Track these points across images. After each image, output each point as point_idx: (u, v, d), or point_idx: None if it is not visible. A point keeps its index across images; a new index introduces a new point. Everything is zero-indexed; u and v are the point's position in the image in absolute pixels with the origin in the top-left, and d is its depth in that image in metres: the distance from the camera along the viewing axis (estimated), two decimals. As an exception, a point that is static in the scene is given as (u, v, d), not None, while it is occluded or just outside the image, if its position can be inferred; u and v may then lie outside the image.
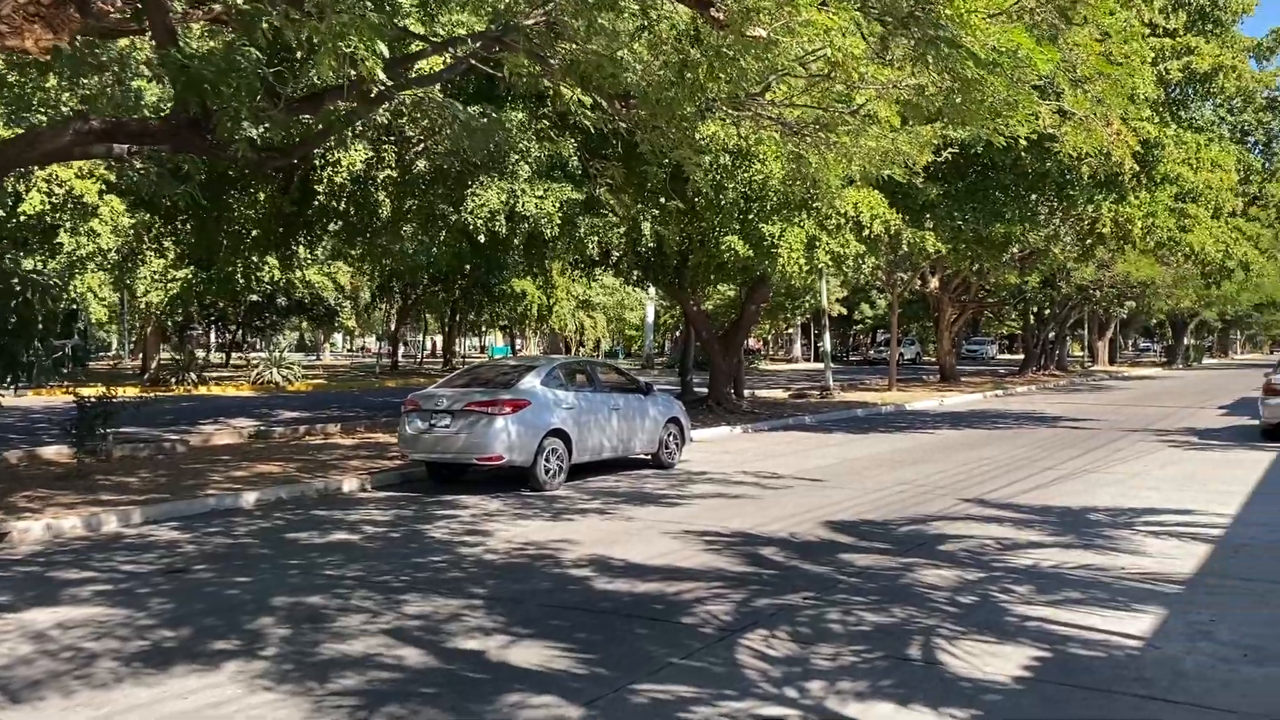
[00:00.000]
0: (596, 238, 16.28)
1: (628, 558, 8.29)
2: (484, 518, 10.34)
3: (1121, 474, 13.41)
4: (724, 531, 9.39)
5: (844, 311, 58.52)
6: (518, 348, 72.56)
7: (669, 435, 14.33)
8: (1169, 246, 19.02)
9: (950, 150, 14.93)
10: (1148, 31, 17.58)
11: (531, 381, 12.36)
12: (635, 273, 21.04)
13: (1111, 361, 65.72)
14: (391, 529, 9.84)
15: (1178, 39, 17.97)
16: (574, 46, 9.20)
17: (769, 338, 76.17)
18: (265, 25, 7.78)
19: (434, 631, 6.29)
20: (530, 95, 14.71)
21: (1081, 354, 67.89)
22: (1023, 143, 14.41)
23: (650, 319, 49.50)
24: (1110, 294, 45.78)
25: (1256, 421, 18.38)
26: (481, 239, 15.58)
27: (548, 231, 15.18)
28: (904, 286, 36.29)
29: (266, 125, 9.50)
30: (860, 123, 10.97)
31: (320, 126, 12.26)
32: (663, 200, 17.17)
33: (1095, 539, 8.93)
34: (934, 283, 38.23)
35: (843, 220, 16.27)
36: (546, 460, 12.04)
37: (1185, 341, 72.00)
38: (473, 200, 15.26)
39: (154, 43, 9.89)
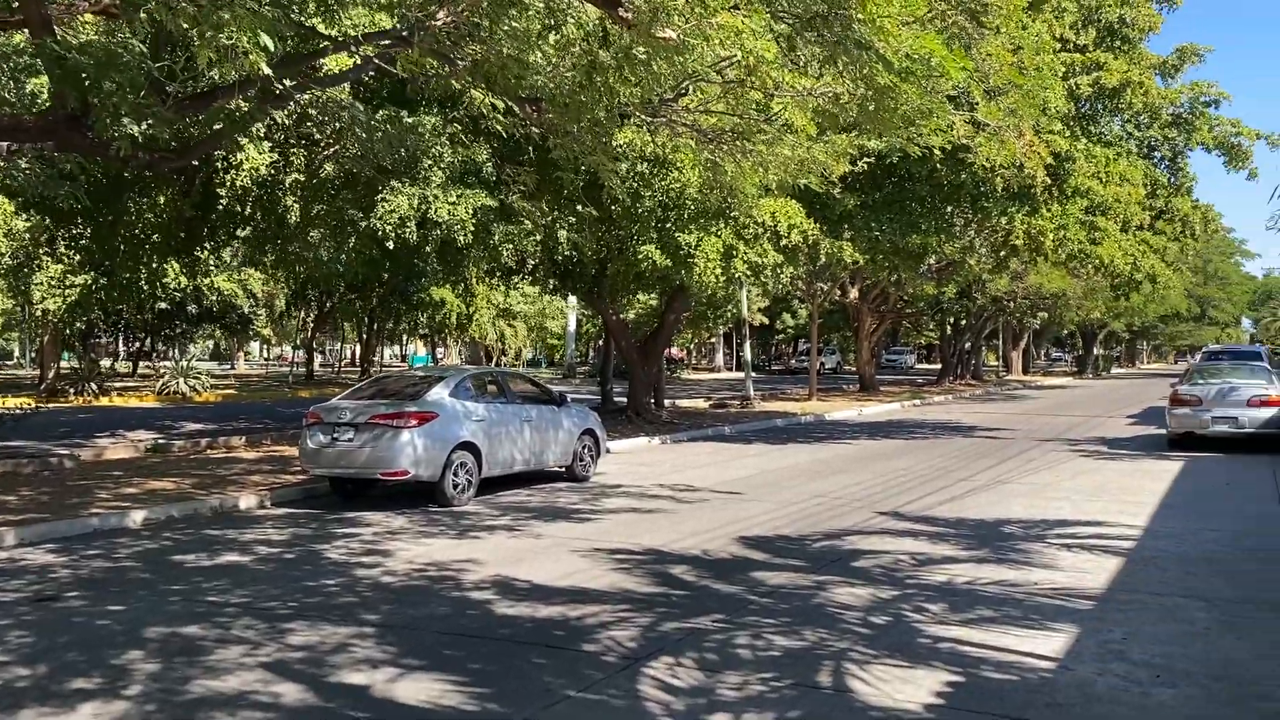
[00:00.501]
0: (512, 245, 15.90)
1: (533, 578, 7.94)
2: (386, 536, 9.89)
3: (1034, 484, 13.48)
4: (635, 549, 9.09)
5: (766, 321, 58.97)
6: (439, 357, 71.58)
7: (584, 447, 14.00)
8: (1080, 259, 19.35)
9: (866, 160, 14.92)
10: (1059, 46, 17.88)
11: (439, 393, 11.92)
12: (552, 281, 20.69)
13: (1025, 371, 67.26)
14: (286, 549, 9.33)
15: (1088, 54, 18.30)
16: (480, 47, 8.86)
17: (692, 347, 76.29)
18: (144, 15, 7.28)
19: (317, 664, 5.86)
20: (443, 99, 14.30)
21: (996, 364, 69.35)
22: (938, 154, 14.51)
23: (572, 328, 49.10)
24: (1023, 305, 46.78)
25: (1163, 431, 18.78)
26: (391, 246, 15.08)
27: (460, 239, 14.75)
28: (824, 296, 36.51)
29: (150, 122, 8.91)
30: (776, 131, 10.82)
31: (218, 126, 11.70)
32: (579, 208, 16.88)
33: (1009, 553, 8.85)
34: (854, 293, 38.57)
35: (760, 230, 16.16)
36: (455, 475, 11.61)
37: (1095, 352, 74.14)
38: (383, 206, 14.77)
39: (28, 33, 9.28)
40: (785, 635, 6.31)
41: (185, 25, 6.47)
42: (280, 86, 11.73)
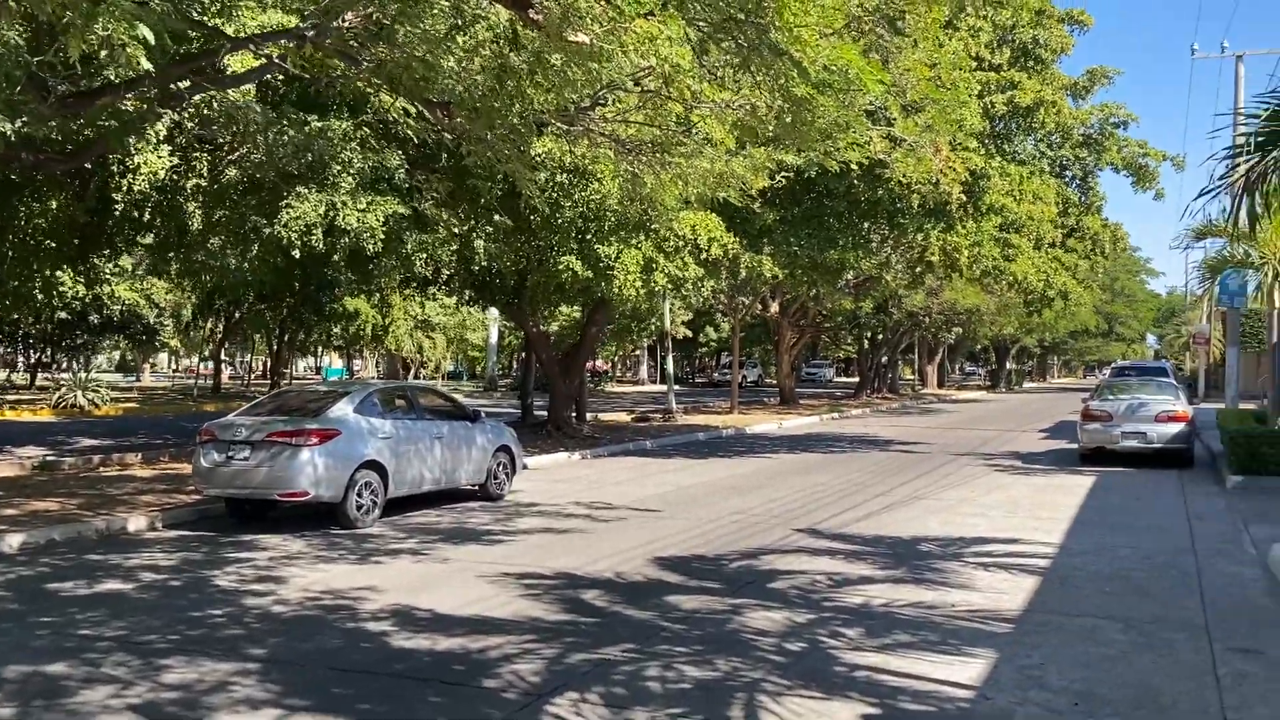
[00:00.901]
0: (425, 255, 15.42)
1: (435, 607, 7.53)
2: (282, 561, 9.36)
3: (951, 500, 13.47)
4: (546, 573, 8.74)
5: (689, 334, 59.00)
6: (356, 370, 70.02)
7: (498, 465, 13.59)
8: (994, 275, 19.59)
9: (785, 175, 14.84)
10: (975, 65, 18.09)
11: (343, 409, 11.41)
12: (468, 292, 20.21)
13: (940, 385, 68.48)
14: (173, 576, 8.76)
15: (1002, 74, 18.56)
16: (385, 49, 8.47)
17: (616, 360, 76.07)
18: (12, 4, 6.75)
19: (191, 706, 5.40)
20: (353, 103, 13.83)
21: (913, 377, 70.52)
22: (854, 169, 14.49)
23: (494, 340, 48.44)
24: (939, 320, 47.59)
25: (1075, 445, 19.05)
26: (297, 254, 14.50)
27: (370, 247, 14.24)
28: (745, 310, 36.60)
29: (25, 120, 8.32)
30: (696, 144, 10.62)
31: (108, 126, 11.09)
32: (496, 217, 16.50)
33: (926, 572, 8.72)
34: (774, 307, 38.74)
35: (681, 243, 15.97)
36: (359, 495, 11.11)
37: (1008, 366, 75.85)
38: (287, 212, 14.19)
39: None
40: (697, 665, 6.03)
41: (52, 11, 5.96)
42: (176, 86, 11.20)
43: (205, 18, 10.55)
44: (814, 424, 31.33)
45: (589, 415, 29.91)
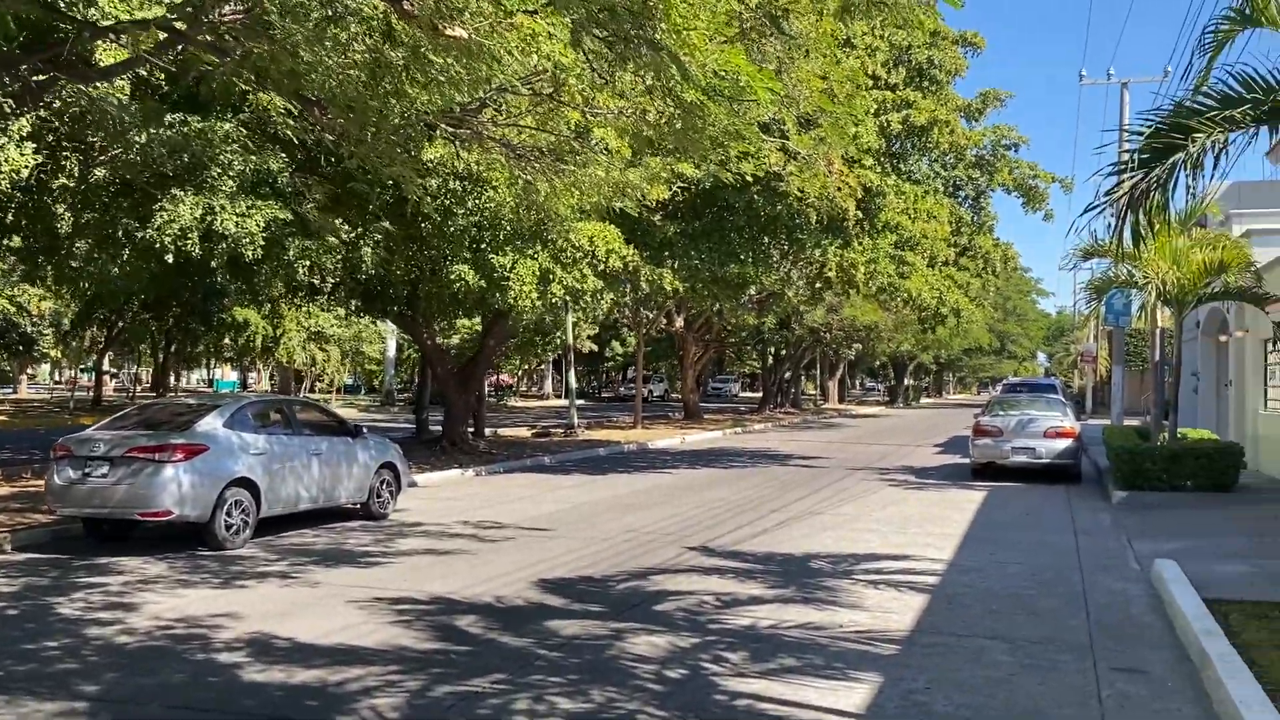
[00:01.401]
0: (309, 262, 14.78)
1: (296, 635, 7.02)
2: (137, 586, 8.70)
3: (845, 515, 13.40)
4: (421, 597, 8.28)
5: (595, 348, 58.71)
6: (250, 382, 67.82)
7: (382, 482, 13.03)
8: (889, 291, 19.77)
9: (681, 185, 14.65)
10: (871, 83, 18.24)
11: (212, 423, 10.74)
12: (354, 302, 19.53)
13: (841, 400, 69.57)
14: (12, 604, 8.04)
15: (898, 93, 18.77)
16: (256, 41, 7.96)
17: (521, 373, 75.32)
18: None
19: (0, 757, 4.83)
20: (229, 101, 13.17)
21: (815, 393, 71.46)
22: (750, 179, 14.37)
23: (391, 353, 47.34)
24: (839, 336, 48.26)
25: (967, 460, 19.29)
26: (171, 259, 13.73)
27: (249, 253, 13.56)
28: (650, 324, 36.49)
29: None
30: (589, 152, 10.33)
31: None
32: (386, 224, 15.94)
33: (816, 591, 8.53)
34: (679, 322, 38.73)
35: (579, 254, 15.64)
36: (228, 515, 10.45)
37: (906, 382, 77.50)
38: (161, 216, 13.43)
39: None
40: (571, 697, 5.67)
41: None
42: (31, 79, 10.44)
43: (59, 2, 9.86)
44: (717, 439, 31.31)
45: (489, 430, 29.34)
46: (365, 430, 13.17)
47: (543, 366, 68.87)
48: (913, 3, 8.54)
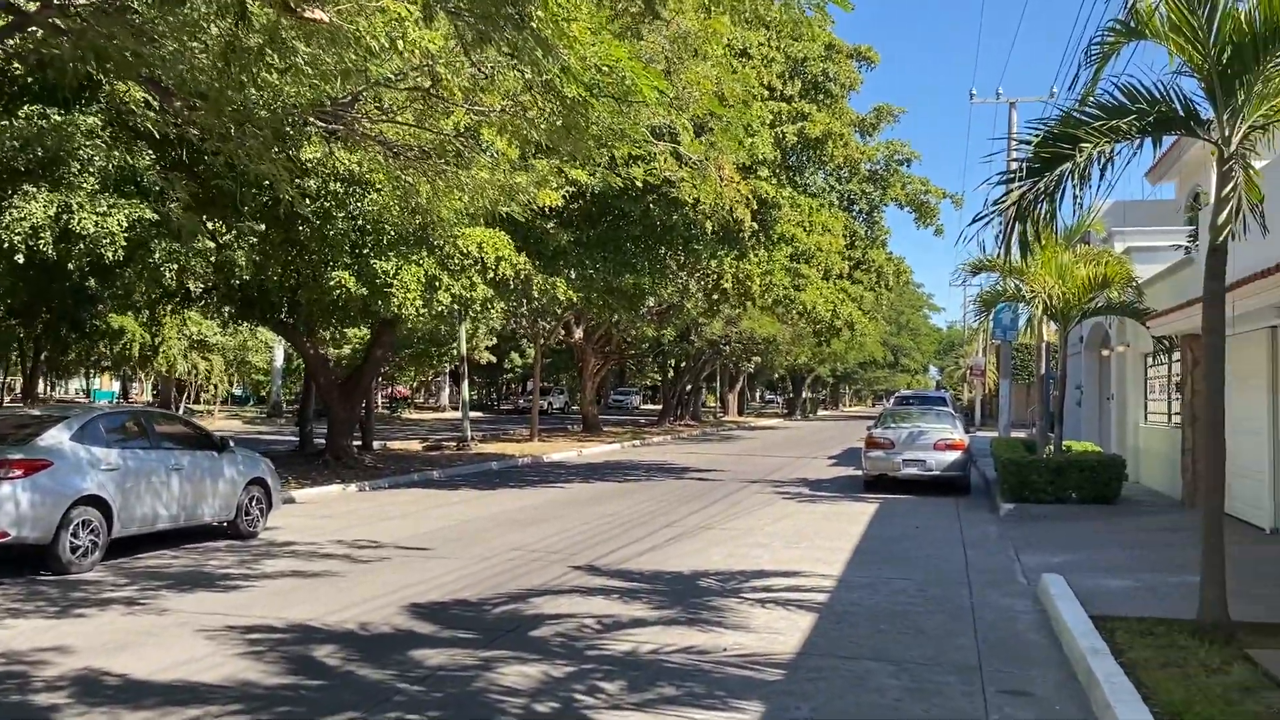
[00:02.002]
0: (176, 265, 13.91)
1: (131, 672, 6.36)
2: (-42, 618, 7.86)
3: (737, 530, 13.15)
4: (279, 625, 7.66)
5: (493, 359, 57.84)
6: (132, 393, 64.84)
7: (251, 499, 12.26)
8: (785, 304, 19.71)
9: (572, 189, 14.28)
10: (768, 94, 18.17)
11: (57, 436, 9.88)
12: (228, 309, 18.56)
13: (740, 412, 70.04)
14: None
15: (793, 104, 18.75)
16: (96, 22, 7.29)
17: (417, 385, 73.80)
18: None
19: None
20: (82, 91, 12.29)
21: (715, 405, 71.82)
22: (642, 185, 14.11)
23: (279, 363, 45.70)
24: (738, 349, 48.47)
25: (861, 472, 19.31)
26: (21, 259, 12.74)
27: (109, 254, 12.68)
28: (548, 335, 35.97)
29: None
30: (472, 151, 9.85)
31: None
32: (262, 227, 15.16)
33: (702, 611, 8.19)
34: (578, 333, 38.31)
35: (467, 261, 15.09)
36: (74, 536, 9.61)
37: (803, 395, 78.54)
38: (10, 214, 12.47)
39: None
40: (428, 738, 5.19)
41: None
42: None
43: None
44: (615, 451, 30.94)
45: (378, 444, 28.40)
46: (233, 443, 12.37)
47: (439, 378, 67.54)
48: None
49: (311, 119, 9.67)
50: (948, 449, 17.87)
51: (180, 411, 40.89)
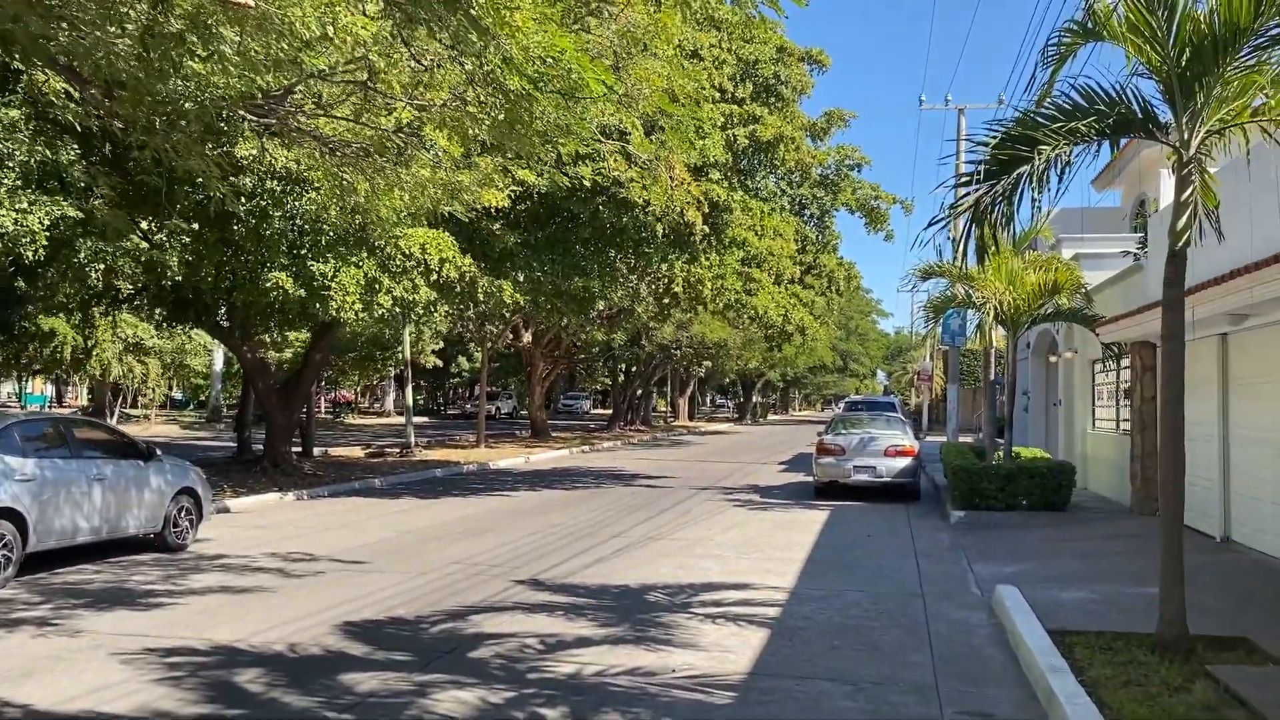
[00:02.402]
0: (103, 265, 13.30)
1: (33, 702, 5.88)
2: None
3: (687, 540, 12.85)
4: (202, 647, 7.20)
5: (440, 364, 57.04)
6: (67, 397, 63.03)
7: (180, 510, 11.72)
8: (736, 308, 19.49)
9: (518, 189, 13.90)
10: (719, 95, 17.94)
11: (-35, 446, 9.31)
12: (160, 311, 17.87)
13: (691, 417, 69.91)
14: None
15: (745, 107, 18.55)
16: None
17: (362, 389, 72.71)
18: None
19: None
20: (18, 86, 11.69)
21: (667, 410, 71.61)
22: (589, 184, 13.78)
23: (218, 367, 44.57)
24: (689, 354, 48.29)
25: (811, 479, 19.14)
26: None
27: (29, 254, 12.06)
28: (496, 339, 35.45)
29: None
30: (413, 148, 9.45)
31: None
32: (195, 226, 14.59)
33: (649, 628, 7.87)
34: (527, 337, 37.83)
35: (410, 263, 14.65)
36: (-17, 551, 9.05)
37: (754, 399, 78.68)
38: (-79, 209, 11.81)
39: None
40: (353, 775, 4.80)
41: None
42: None
43: None
44: (563, 457, 30.52)
45: (320, 450, 27.71)
46: (160, 451, 11.81)
47: (384, 382, 66.54)
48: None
49: (243, 112, 9.20)
50: (898, 455, 17.75)
51: (114, 416, 39.67)
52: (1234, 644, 7.10)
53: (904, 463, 17.71)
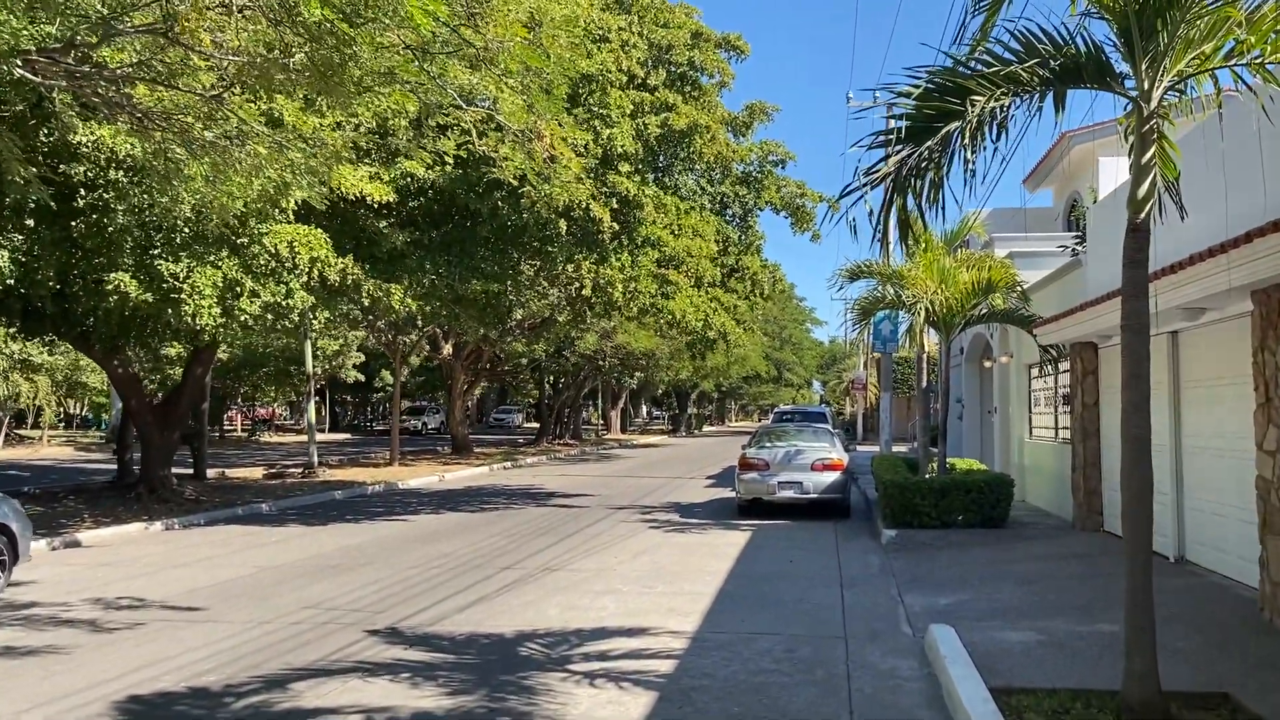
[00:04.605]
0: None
1: None
2: None
3: (585, 572, 11.37)
4: (-87, 744, 5.56)
5: (361, 378, 54.92)
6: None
7: (-13, 550, 9.96)
8: (652, 313, 18.10)
9: (404, 180, 12.34)
10: (626, 80, 16.57)
11: None
12: (3, 321, 15.86)
13: (624, 429, 68.52)
14: None
15: (657, 95, 17.19)
16: None
17: (284, 405, 70.12)
18: None
19: None
20: None
21: (599, 422, 70.10)
22: (451, 165, 12.26)
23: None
24: (614, 364, 46.85)
25: (736, 495, 17.81)
26: None
27: None
28: (408, 351, 33.68)
29: None
30: (223, 110, 7.89)
31: None
32: (31, 224, 12.80)
33: (510, 696, 6.39)
34: (447, 348, 36.10)
35: (275, 263, 13.00)
36: None
37: (689, 410, 77.51)
38: None
39: None
40: None
41: None
42: None
43: None
44: (481, 475, 28.86)
45: (216, 471, 25.78)
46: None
47: (302, 398, 64.01)
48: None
49: (21, 71, 7.57)
50: (825, 469, 16.49)
51: (1, 438, 37.00)
52: (1214, 702, 5.86)
53: (832, 477, 16.46)
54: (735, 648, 7.69)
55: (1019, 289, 15.28)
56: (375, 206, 13.56)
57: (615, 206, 15.60)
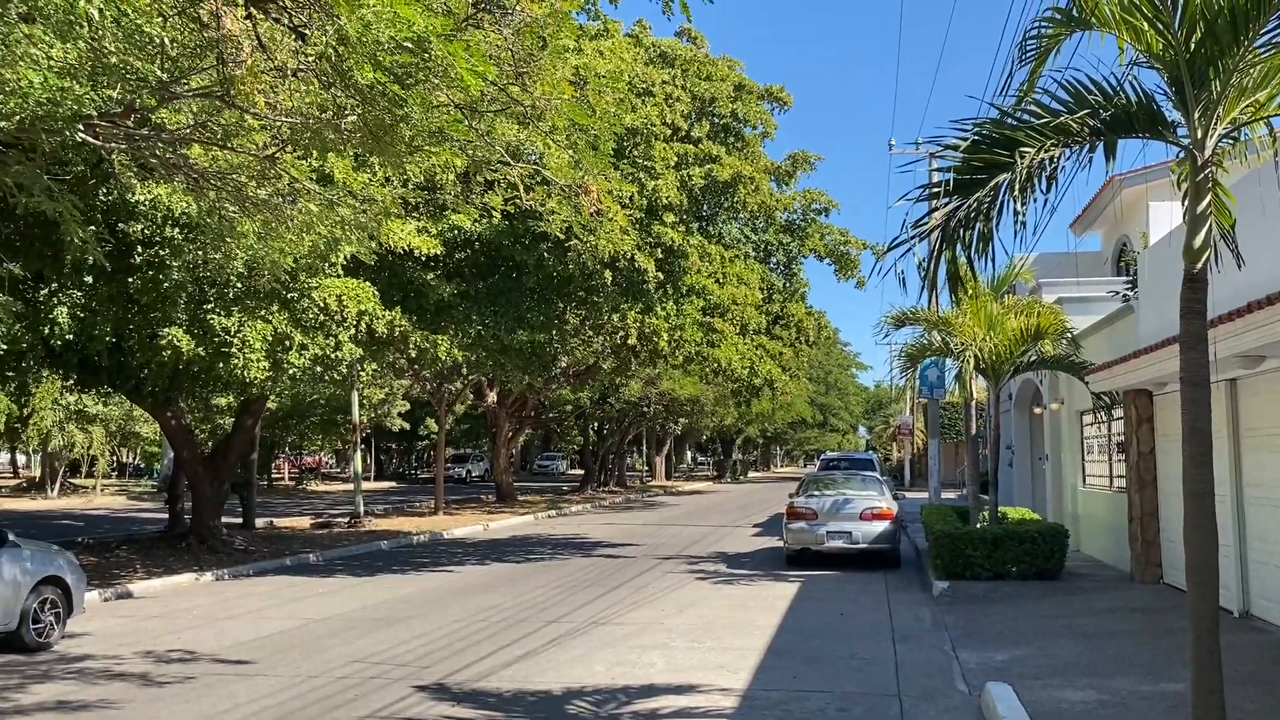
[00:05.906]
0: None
1: None
2: None
3: (634, 625, 11.26)
4: (-32, 802, 5.60)
5: (406, 426, 55.30)
6: (20, 467, 60.77)
7: (43, 603, 10.08)
8: (698, 361, 18.08)
9: (452, 233, 12.50)
10: (670, 132, 16.72)
11: None
12: (46, 373, 16.24)
13: (669, 476, 68.21)
14: None
15: (701, 146, 17.32)
16: None
17: (332, 454, 70.83)
18: None
19: None
20: None
21: (643, 468, 69.88)
22: (514, 222, 12.39)
23: (169, 434, 42.70)
24: (659, 411, 46.79)
25: (783, 544, 17.60)
26: None
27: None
28: (453, 400, 33.89)
29: None
30: (276, 171, 8.06)
31: None
32: (89, 280, 13.13)
33: (559, 757, 6.31)
34: (491, 396, 36.33)
35: (324, 316, 13.18)
36: None
37: (734, 456, 77.04)
38: None
39: None
40: None
41: None
42: None
43: None
44: (526, 524, 28.82)
45: (264, 521, 26.00)
46: (12, 536, 10.18)
47: (349, 447, 64.59)
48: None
49: (83, 135, 7.80)
50: (875, 519, 16.25)
51: (57, 487, 37.71)
52: (1290, 769, 5.61)
53: (881, 527, 16.21)
54: (787, 706, 7.55)
55: (1069, 335, 15.04)
56: (423, 259, 13.75)
57: (660, 256, 15.68)
